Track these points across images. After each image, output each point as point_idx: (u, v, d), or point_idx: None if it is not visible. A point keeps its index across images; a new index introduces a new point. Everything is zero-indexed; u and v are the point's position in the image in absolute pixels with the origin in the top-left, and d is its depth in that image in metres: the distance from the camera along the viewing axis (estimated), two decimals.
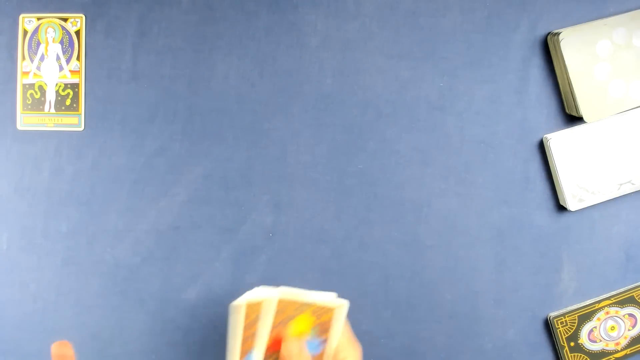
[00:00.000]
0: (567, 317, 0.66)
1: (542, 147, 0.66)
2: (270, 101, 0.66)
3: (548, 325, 0.67)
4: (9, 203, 0.67)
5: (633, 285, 0.66)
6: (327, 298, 0.52)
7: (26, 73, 0.66)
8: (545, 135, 0.65)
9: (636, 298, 0.66)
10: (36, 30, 0.66)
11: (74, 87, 0.66)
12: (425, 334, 0.67)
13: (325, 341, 0.52)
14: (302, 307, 0.51)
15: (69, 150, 0.66)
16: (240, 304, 0.48)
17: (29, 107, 0.66)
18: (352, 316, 0.66)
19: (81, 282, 0.67)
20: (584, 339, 0.66)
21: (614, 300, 0.66)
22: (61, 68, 0.66)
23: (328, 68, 0.66)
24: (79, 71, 0.66)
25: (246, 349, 0.50)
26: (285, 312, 0.51)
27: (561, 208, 0.66)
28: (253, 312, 0.49)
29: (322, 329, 0.51)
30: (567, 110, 0.65)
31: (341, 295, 0.66)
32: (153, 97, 0.66)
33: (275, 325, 0.51)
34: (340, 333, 0.52)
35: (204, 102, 0.66)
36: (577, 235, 0.66)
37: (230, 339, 0.50)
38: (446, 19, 0.66)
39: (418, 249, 0.66)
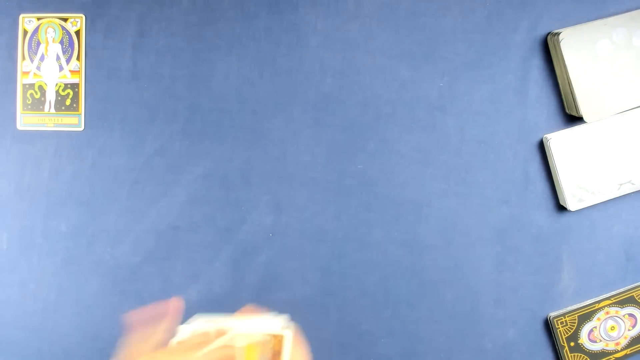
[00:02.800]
0: (567, 317, 0.66)
1: (542, 147, 0.66)
2: (270, 101, 0.66)
3: (548, 325, 0.66)
4: (9, 203, 0.67)
5: (633, 285, 0.66)
6: (273, 325, 0.51)
7: (26, 73, 0.66)
8: (545, 135, 0.65)
9: (636, 298, 0.66)
10: (36, 30, 0.66)
11: (74, 87, 0.66)
12: (425, 334, 0.67)
13: None
14: (247, 337, 0.49)
15: (69, 150, 0.66)
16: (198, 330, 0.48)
17: (29, 107, 0.66)
18: (352, 316, 0.66)
19: (81, 282, 0.67)
20: (584, 339, 0.66)
21: (614, 300, 0.66)
22: (61, 68, 0.66)
23: (328, 68, 0.66)
24: (79, 71, 0.66)
25: None
26: (231, 343, 0.49)
27: (561, 208, 0.66)
28: (196, 344, 0.48)
29: (270, 357, 0.50)
30: (567, 110, 0.65)
31: (341, 295, 0.66)
32: (153, 97, 0.66)
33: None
34: None
35: (204, 102, 0.66)
36: (577, 235, 0.66)
37: None
38: (446, 19, 0.66)
39: (418, 249, 0.66)
